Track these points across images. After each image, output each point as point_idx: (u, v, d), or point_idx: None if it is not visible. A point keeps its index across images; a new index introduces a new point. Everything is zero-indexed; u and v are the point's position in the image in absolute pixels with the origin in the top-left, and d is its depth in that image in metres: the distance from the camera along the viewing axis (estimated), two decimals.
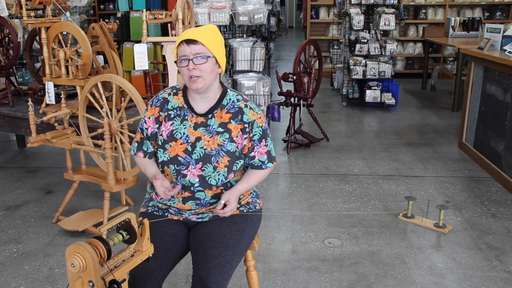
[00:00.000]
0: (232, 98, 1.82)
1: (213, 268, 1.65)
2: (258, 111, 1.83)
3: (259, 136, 1.81)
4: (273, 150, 1.88)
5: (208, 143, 1.76)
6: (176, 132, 1.78)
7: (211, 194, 1.79)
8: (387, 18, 5.88)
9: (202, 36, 1.70)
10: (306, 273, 2.55)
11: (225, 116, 1.79)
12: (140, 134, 1.86)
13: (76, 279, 1.26)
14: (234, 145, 1.78)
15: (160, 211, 1.87)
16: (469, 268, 2.59)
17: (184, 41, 1.69)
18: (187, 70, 1.70)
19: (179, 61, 1.72)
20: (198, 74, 1.69)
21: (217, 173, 1.76)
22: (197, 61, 1.69)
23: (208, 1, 4.37)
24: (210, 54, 1.71)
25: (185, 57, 1.69)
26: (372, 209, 3.30)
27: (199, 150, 1.76)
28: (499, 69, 3.77)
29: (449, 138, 4.90)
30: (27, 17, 3.03)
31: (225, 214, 1.74)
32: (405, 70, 8.34)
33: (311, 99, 4.53)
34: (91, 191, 3.63)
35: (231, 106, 1.80)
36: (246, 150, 1.81)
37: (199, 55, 1.69)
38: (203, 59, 1.69)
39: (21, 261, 2.69)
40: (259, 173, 1.85)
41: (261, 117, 1.82)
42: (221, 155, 1.76)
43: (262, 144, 1.82)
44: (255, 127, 1.79)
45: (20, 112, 3.45)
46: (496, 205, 3.34)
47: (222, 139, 1.77)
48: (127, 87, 2.61)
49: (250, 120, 1.79)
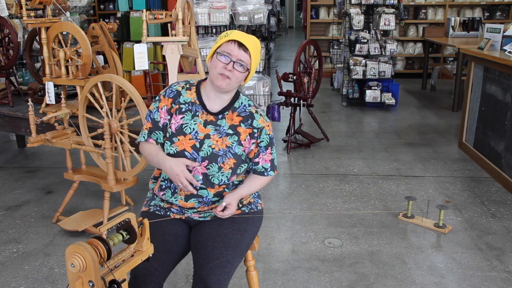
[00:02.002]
0: (244, 102, 1.84)
1: (214, 268, 1.65)
2: (267, 119, 1.86)
3: (266, 143, 1.83)
4: (276, 160, 1.90)
5: (217, 143, 1.77)
6: (186, 126, 1.78)
7: (214, 192, 1.80)
8: (387, 18, 5.88)
9: (253, 48, 1.73)
10: (306, 273, 2.55)
11: (236, 118, 1.81)
12: (149, 123, 1.83)
13: (76, 279, 1.26)
14: (242, 148, 1.79)
15: (162, 211, 1.87)
16: (469, 268, 2.59)
17: (237, 41, 1.70)
18: (222, 66, 1.71)
19: (220, 54, 1.71)
20: (230, 76, 1.71)
21: (221, 173, 1.77)
22: (238, 67, 1.71)
23: (208, 1, 4.38)
24: (249, 67, 1.75)
25: (229, 56, 1.70)
26: (372, 209, 3.30)
27: (207, 148, 1.77)
28: (499, 69, 3.77)
29: (449, 138, 4.90)
30: (27, 17, 3.03)
31: (224, 216, 1.77)
32: (405, 70, 8.34)
33: (311, 99, 4.53)
34: (91, 191, 3.63)
35: (243, 110, 1.82)
36: (252, 155, 1.83)
37: (242, 62, 1.71)
38: (243, 68, 1.72)
39: (21, 261, 2.70)
40: (261, 180, 1.87)
41: (270, 126, 1.85)
42: (228, 156, 1.77)
43: (268, 151, 1.84)
44: (263, 134, 1.82)
45: (20, 112, 3.45)
46: (496, 205, 3.34)
47: (231, 141, 1.78)
48: (127, 87, 2.61)
49: (259, 126, 1.81)
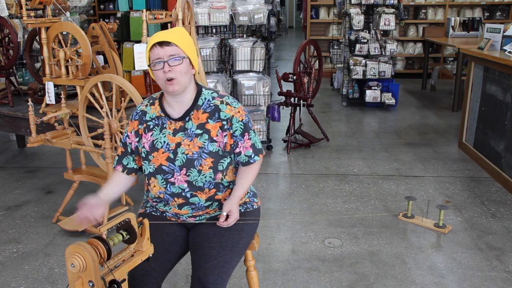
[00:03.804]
0: (207, 97, 1.77)
1: (211, 268, 1.64)
2: (236, 105, 1.78)
3: (241, 131, 1.76)
4: (259, 143, 1.82)
5: (189, 147, 1.72)
6: (156, 141, 1.76)
7: (205, 197, 1.77)
8: (387, 18, 5.87)
9: (175, 37, 1.67)
10: (306, 273, 2.55)
11: (202, 116, 1.75)
12: (122, 148, 1.84)
13: (76, 279, 1.26)
14: (216, 144, 1.73)
15: (158, 212, 1.87)
16: (469, 268, 2.59)
17: (157, 43, 1.65)
18: (162, 73, 1.66)
19: (152, 65, 1.67)
20: (173, 76, 1.65)
21: (203, 175, 1.73)
22: (173, 62, 1.65)
23: (208, 1, 4.37)
24: (184, 55, 1.67)
25: (160, 60, 1.65)
26: (372, 209, 3.30)
27: (181, 156, 1.73)
28: (499, 69, 3.77)
29: (449, 138, 4.90)
30: (27, 17, 3.03)
31: (229, 225, 1.74)
32: (405, 70, 8.34)
33: (311, 99, 4.53)
34: (91, 191, 3.60)
35: (207, 106, 1.76)
36: (229, 147, 1.76)
37: (173, 56, 1.65)
38: (178, 60, 1.66)
39: (21, 261, 2.69)
40: (250, 170, 1.81)
41: (240, 111, 1.77)
42: (204, 157, 1.72)
43: (246, 138, 1.77)
44: (234, 123, 1.74)
45: (20, 112, 3.45)
46: (496, 205, 3.34)
47: (202, 141, 1.73)
48: (127, 87, 2.61)
49: (227, 116, 1.74)
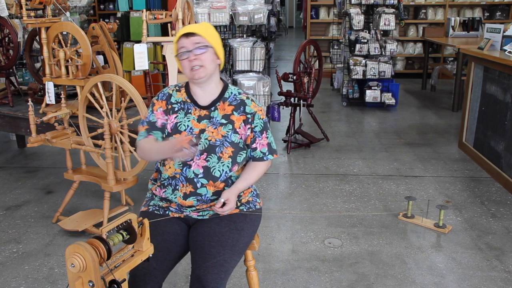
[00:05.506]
0: (233, 92, 1.88)
1: (210, 267, 1.65)
2: (259, 104, 1.89)
3: (261, 128, 1.85)
4: (274, 144, 1.92)
5: (212, 134, 1.80)
6: (180, 124, 1.82)
7: (213, 190, 1.81)
8: (387, 18, 5.88)
9: (200, 29, 1.77)
10: (306, 273, 2.55)
11: (228, 108, 1.83)
12: (146, 126, 1.85)
13: (76, 279, 1.26)
14: (238, 136, 1.82)
15: (161, 210, 1.88)
16: (469, 268, 2.59)
17: (183, 35, 1.75)
18: (188, 62, 1.75)
19: (179, 55, 1.77)
20: (199, 63, 1.75)
21: (222, 163, 1.79)
22: (198, 51, 1.74)
23: (208, 1, 4.38)
24: (209, 44, 1.77)
25: (185, 49, 1.74)
26: (372, 209, 3.30)
27: (204, 141, 1.79)
28: (499, 69, 3.77)
29: (449, 138, 4.90)
30: (27, 17, 3.03)
31: (224, 213, 1.77)
32: (405, 70, 8.34)
33: (311, 99, 4.53)
34: (91, 191, 3.63)
35: (233, 99, 1.85)
36: (249, 140, 1.85)
37: (198, 45, 1.74)
38: (202, 49, 1.74)
39: (21, 261, 2.69)
40: (259, 167, 1.88)
41: (262, 110, 1.88)
42: (225, 145, 1.80)
43: (264, 136, 1.86)
44: (256, 119, 1.84)
45: (20, 112, 3.45)
46: (496, 205, 3.34)
47: (226, 130, 1.81)
48: (127, 87, 2.61)
49: (252, 111, 1.84)
